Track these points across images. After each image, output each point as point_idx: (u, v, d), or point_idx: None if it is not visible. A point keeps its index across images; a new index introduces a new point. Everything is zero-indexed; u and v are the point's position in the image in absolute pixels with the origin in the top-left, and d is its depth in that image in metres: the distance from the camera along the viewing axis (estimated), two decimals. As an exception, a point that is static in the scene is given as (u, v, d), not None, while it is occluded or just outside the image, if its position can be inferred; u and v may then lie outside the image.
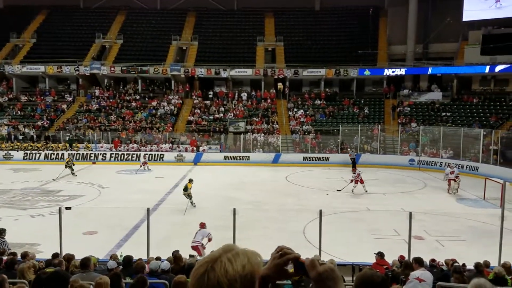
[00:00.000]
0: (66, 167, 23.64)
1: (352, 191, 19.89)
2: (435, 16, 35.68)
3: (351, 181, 20.26)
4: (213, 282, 1.18)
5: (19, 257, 8.08)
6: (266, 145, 30.54)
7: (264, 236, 13.32)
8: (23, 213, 16.07)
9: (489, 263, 8.71)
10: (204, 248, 11.40)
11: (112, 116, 33.10)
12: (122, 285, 5.33)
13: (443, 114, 31.33)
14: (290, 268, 1.30)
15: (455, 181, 19.90)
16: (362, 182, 19.96)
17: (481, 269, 7.46)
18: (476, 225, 15.08)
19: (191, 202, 16.87)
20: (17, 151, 29.02)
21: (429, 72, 33.73)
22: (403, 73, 34.42)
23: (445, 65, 33.39)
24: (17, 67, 35.96)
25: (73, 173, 23.61)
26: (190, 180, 17.37)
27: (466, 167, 25.24)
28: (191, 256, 9.87)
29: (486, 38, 32.03)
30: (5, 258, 7.10)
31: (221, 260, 1.22)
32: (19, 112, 33.79)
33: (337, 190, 20.08)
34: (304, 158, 29.01)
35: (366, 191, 19.75)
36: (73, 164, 24.06)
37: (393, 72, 34.24)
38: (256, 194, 19.85)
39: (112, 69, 35.95)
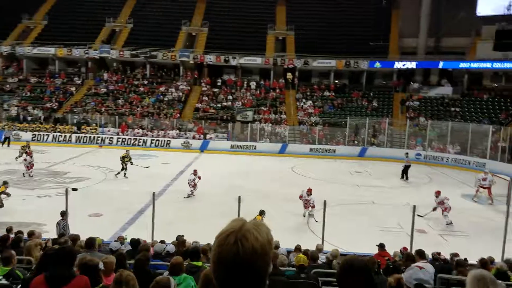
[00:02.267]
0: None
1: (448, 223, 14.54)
2: (448, 9, 35.16)
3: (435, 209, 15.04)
4: (248, 249, 1.26)
5: (25, 236, 8.21)
6: (273, 135, 30.53)
7: (268, 225, 13.36)
8: (31, 193, 16.26)
9: (493, 259, 8.71)
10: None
11: (119, 100, 33.20)
12: (126, 265, 5.40)
13: (452, 109, 31.05)
14: None
15: (485, 189, 17.45)
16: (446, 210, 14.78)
17: (484, 264, 7.46)
18: (480, 221, 15.05)
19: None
20: (26, 132, 29.27)
21: (440, 66, 33.36)
22: (414, 66, 34.08)
23: (456, 59, 32.99)
24: (28, 49, 36.07)
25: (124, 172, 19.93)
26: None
27: (473, 163, 25.09)
28: (194, 242, 9.95)
29: (499, 34, 31.54)
30: (62, 240, 7.23)
31: (248, 229, 1.30)
32: (28, 93, 33.99)
33: (418, 215, 13.42)
34: (311, 149, 28.97)
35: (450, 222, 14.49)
36: (129, 163, 20.04)
37: (403, 65, 33.91)
38: (262, 183, 19.90)
39: (121, 53, 35.95)
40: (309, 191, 14.44)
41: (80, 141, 29.08)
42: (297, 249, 8.44)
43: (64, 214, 10.40)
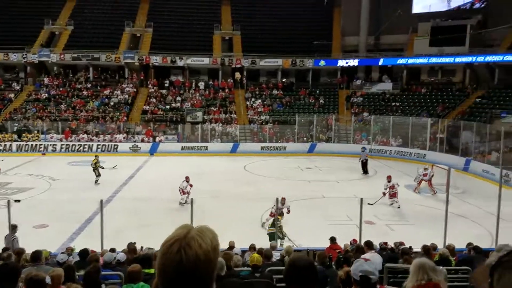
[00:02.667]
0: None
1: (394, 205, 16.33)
2: (386, 8, 36.72)
3: (384, 194, 16.53)
4: (192, 257, 1.25)
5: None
6: (224, 134, 30.53)
7: (222, 225, 13.35)
8: (-33, 207, 15.24)
9: (436, 246, 9.26)
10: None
11: (62, 106, 31.84)
12: (75, 277, 5.25)
13: (393, 104, 32.53)
14: None
15: (426, 182, 18.29)
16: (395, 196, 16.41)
17: (426, 251, 7.91)
18: (423, 210, 15.89)
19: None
20: (-41, 142, 27.38)
21: (380, 63, 34.84)
22: (356, 64, 35.38)
23: (395, 56, 34.58)
24: (-42, 54, 33.73)
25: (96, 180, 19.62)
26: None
27: (414, 155, 26.47)
28: (150, 249, 9.78)
29: (434, 30, 33.41)
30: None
31: (192, 236, 1.29)
32: (-40, 101, 31.82)
33: (369, 204, 15.36)
34: (262, 148, 29.29)
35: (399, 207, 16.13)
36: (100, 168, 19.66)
37: (346, 63, 35.11)
38: (215, 184, 19.85)
39: (62, 56, 34.48)
40: (283, 200, 13.44)
41: (22, 150, 27.59)
42: (252, 248, 8.54)
43: (14, 227, 9.81)
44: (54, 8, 38.89)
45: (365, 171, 22.76)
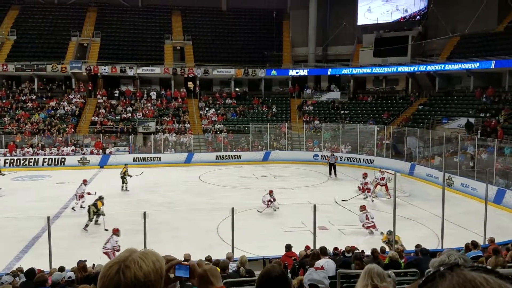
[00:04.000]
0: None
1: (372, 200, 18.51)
2: (333, 20, 38.02)
3: (360, 189, 18.99)
4: (130, 278, 1.24)
5: None
6: (178, 145, 30.19)
7: (176, 237, 13.27)
8: None
9: (385, 249, 9.67)
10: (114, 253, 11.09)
11: (5, 118, 30.25)
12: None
13: (342, 112, 33.61)
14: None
15: (382, 186, 19.22)
16: (369, 191, 18.77)
17: (376, 255, 8.25)
18: (375, 214, 16.46)
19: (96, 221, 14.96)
20: None
21: (329, 73, 35.98)
22: (306, 73, 36.32)
23: (342, 66, 35.83)
24: None
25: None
26: (101, 198, 15.32)
27: (363, 160, 27.44)
28: (97, 265, 9.52)
29: (378, 41, 34.94)
30: None
31: (133, 258, 1.29)
32: None
33: (343, 200, 18.50)
34: (217, 157, 29.24)
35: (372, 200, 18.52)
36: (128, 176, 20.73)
37: (297, 72, 35.98)
38: (169, 195, 19.62)
39: (5, 67, 32.81)
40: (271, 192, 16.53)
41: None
42: (208, 260, 8.53)
43: None
44: (-6, 17, 37.03)
45: (333, 173, 24.02)
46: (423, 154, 25.21)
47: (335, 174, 24.08)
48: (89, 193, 16.51)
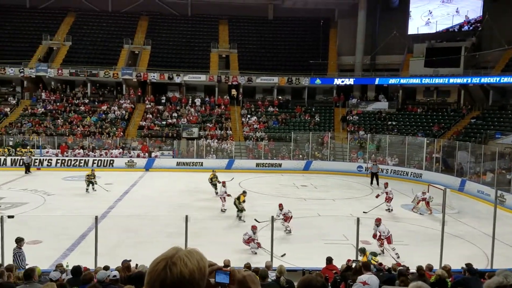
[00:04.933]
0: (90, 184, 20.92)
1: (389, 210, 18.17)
2: (382, 29, 37.30)
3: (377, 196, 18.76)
4: (176, 275, 1.31)
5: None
6: (219, 151, 30.51)
7: (216, 242, 13.29)
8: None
9: (432, 266, 9.22)
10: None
11: (59, 120, 31.82)
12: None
13: (389, 123, 32.73)
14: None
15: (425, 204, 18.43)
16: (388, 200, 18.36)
17: (422, 272, 7.87)
18: (419, 229, 15.85)
19: (239, 217, 16.28)
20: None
21: (376, 82, 35.19)
22: (352, 83, 35.70)
23: (391, 76, 34.95)
24: (-45, 67, 33.76)
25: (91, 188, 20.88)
26: (244, 193, 16.78)
27: (411, 174, 26.49)
28: (140, 265, 9.68)
29: (429, 51, 33.88)
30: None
31: (179, 256, 1.35)
32: (-45, 114, 31.72)
33: (364, 212, 17.58)
34: (257, 164, 29.25)
35: (391, 210, 18.16)
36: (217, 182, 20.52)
37: (342, 81, 35.42)
38: (209, 200, 19.77)
39: (60, 71, 34.59)
40: (280, 206, 15.12)
41: (16, 164, 27.42)
42: (247, 267, 8.46)
43: (19, 241, 9.61)
44: (52, 23, 39.20)
45: (375, 182, 24.16)
46: (475, 169, 24.04)
47: (377, 183, 23.84)
48: (228, 195, 17.57)
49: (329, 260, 9.23)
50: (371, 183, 24.39)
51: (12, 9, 39.73)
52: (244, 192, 16.86)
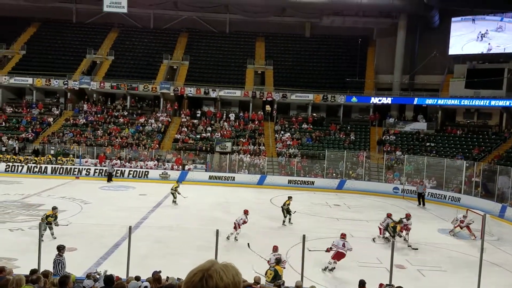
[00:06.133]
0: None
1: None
2: (421, 48, 36.67)
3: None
4: (211, 287, 1.33)
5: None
6: (252, 166, 30.56)
7: (245, 258, 13.20)
8: (2, 226, 15.70)
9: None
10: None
11: (98, 131, 32.88)
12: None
13: (427, 144, 31.85)
14: None
15: (463, 227, 17.71)
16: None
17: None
18: (457, 255, 15.20)
19: (288, 219, 18.36)
20: (-1, 162, 28.52)
21: (415, 102, 34.43)
22: (390, 102, 35.08)
23: (430, 96, 34.14)
24: (5, 78, 35.64)
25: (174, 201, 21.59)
26: (290, 197, 18.71)
27: (449, 198, 25.55)
28: (179, 278, 9.73)
29: (470, 72, 32.95)
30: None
31: (215, 269, 1.37)
32: (3, 123, 33.34)
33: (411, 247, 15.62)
34: (289, 181, 29.06)
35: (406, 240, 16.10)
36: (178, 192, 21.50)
37: (379, 100, 34.85)
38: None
39: (102, 84, 35.89)
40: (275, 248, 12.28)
41: (56, 172, 28.45)
42: (277, 286, 8.35)
43: (61, 249, 9.93)
44: (97, 38, 40.88)
45: (422, 203, 24.60)
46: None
47: (423, 204, 24.43)
48: (244, 222, 16.01)
49: (361, 283, 8.98)
50: (419, 203, 24.71)
51: (59, 24, 41.80)
52: (290, 197, 18.92)
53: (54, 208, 14.82)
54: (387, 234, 16.13)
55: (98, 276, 8.83)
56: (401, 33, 36.66)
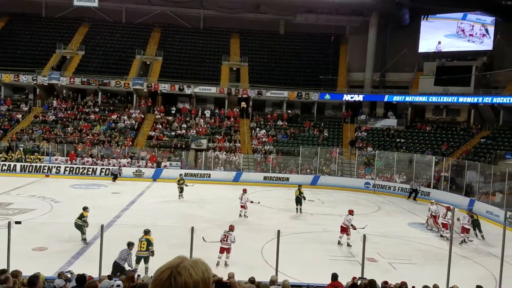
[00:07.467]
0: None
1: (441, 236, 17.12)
2: (392, 46, 37.37)
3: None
4: (180, 284, 1.30)
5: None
6: (227, 163, 30.54)
7: (207, 264, 13.21)
8: (-33, 226, 15.17)
9: (437, 287, 9.08)
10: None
11: (69, 128, 32.13)
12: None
13: (398, 140, 32.58)
14: None
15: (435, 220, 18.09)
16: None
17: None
18: (426, 248, 15.66)
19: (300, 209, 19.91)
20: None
21: (385, 99, 35.13)
22: (361, 99, 35.68)
23: (400, 93, 34.90)
24: (-30, 73, 34.36)
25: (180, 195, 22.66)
26: (85, 208, 14.51)
27: (418, 192, 26.24)
28: (145, 276, 9.68)
29: (439, 70, 33.83)
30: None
31: (184, 265, 1.34)
32: (-32, 120, 32.20)
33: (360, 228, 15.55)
34: (265, 178, 29.21)
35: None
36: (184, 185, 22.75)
37: (351, 97, 35.41)
38: (216, 212, 19.75)
39: (72, 80, 35.06)
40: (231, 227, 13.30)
41: (26, 170, 27.68)
42: (251, 281, 8.40)
43: (130, 245, 11.17)
44: (67, 33, 39.84)
45: (414, 197, 25.48)
46: (484, 190, 23.77)
47: (414, 199, 25.33)
48: (251, 201, 19.03)
49: (334, 277, 9.15)
50: (409, 197, 25.62)
51: (28, 18, 40.55)
52: (300, 186, 21.05)
53: (85, 208, 14.24)
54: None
55: (69, 276, 8.68)
56: (373, 31, 37.25)
